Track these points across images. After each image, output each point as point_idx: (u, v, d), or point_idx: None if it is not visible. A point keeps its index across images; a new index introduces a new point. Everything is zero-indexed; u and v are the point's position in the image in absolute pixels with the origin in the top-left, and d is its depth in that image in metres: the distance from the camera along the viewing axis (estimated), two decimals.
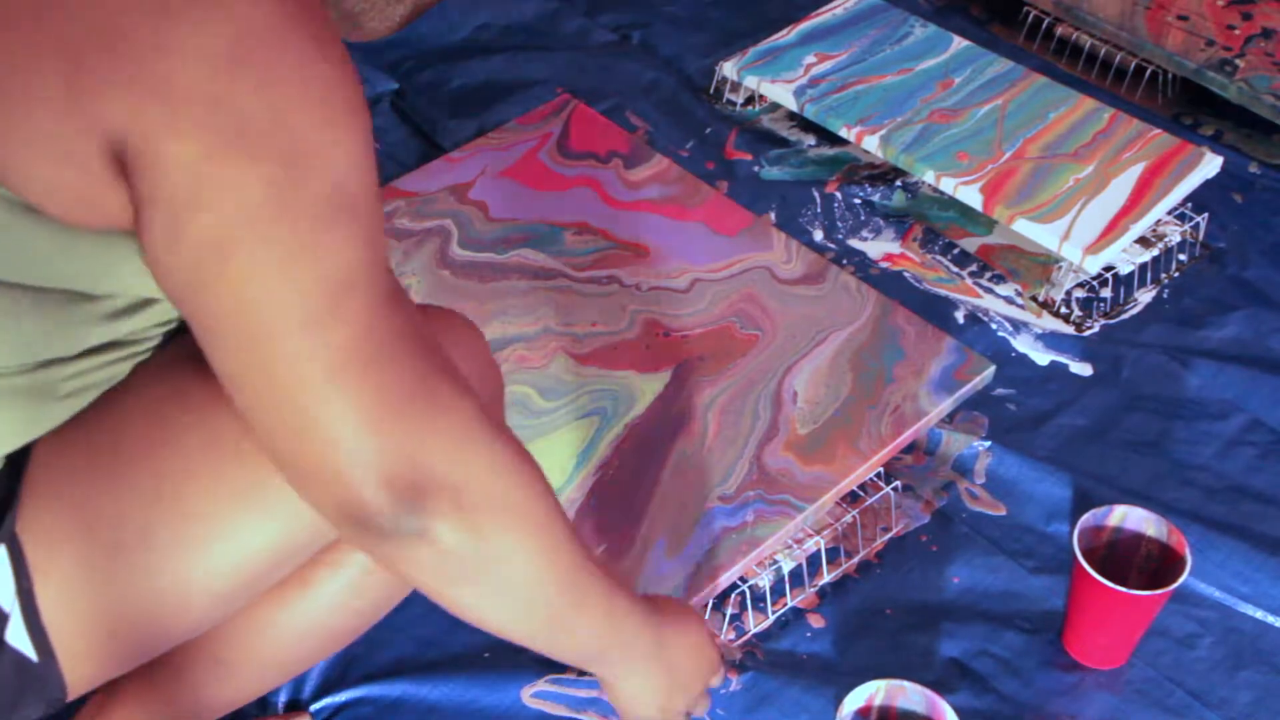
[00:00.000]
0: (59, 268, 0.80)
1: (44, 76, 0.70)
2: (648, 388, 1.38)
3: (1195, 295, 1.57)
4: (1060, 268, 1.54)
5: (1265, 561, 1.28)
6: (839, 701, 1.06)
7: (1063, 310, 1.53)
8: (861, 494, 1.32)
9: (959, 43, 1.79)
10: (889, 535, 1.31)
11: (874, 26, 1.82)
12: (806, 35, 1.80)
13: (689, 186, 1.62)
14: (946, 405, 1.36)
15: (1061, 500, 1.34)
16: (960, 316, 1.52)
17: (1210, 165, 1.59)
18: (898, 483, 1.32)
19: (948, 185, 1.58)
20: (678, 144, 1.74)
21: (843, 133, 1.66)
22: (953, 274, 1.58)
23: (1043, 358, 1.49)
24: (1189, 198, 1.61)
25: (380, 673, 1.19)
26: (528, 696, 1.18)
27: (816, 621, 1.25)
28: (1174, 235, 1.59)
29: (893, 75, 1.73)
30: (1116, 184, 1.56)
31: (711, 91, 1.83)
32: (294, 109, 0.70)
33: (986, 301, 1.54)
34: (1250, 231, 1.65)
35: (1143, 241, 1.57)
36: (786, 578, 1.27)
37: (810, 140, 1.75)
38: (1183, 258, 1.60)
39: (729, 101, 1.81)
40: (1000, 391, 1.44)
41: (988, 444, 1.39)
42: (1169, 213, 1.59)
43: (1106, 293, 1.55)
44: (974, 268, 1.58)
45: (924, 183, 1.67)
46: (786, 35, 1.80)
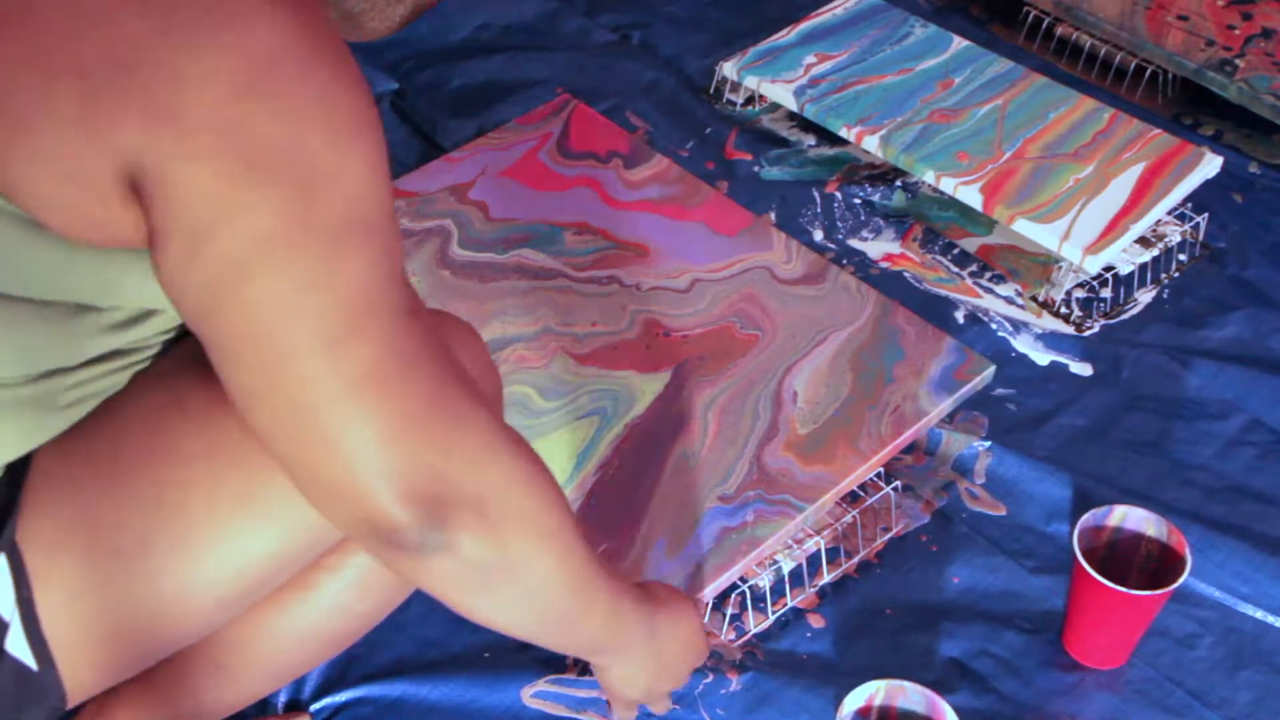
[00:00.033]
0: (63, 281, 0.80)
1: (58, 98, 0.70)
2: (648, 388, 1.38)
3: (1195, 295, 1.57)
4: (1060, 268, 1.54)
5: (1265, 561, 1.28)
6: (839, 701, 1.06)
7: (1063, 310, 1.53)
8: (861, 494, 1.32)
9: (959, 43, 1.79)
10: (889, 535, 1.31)
11: (874, 26, 1.82)
12: (806, 35, 1.80)
13: (689, 186, 1.62)
14: (946, 405, 1.36)
15: (1061, 500, 1.34)
16: (960, 316, 1.52)
17: (1210, 165, 1.59)
18: (898, 483, 1.32)
19: (948, 185, 1.58)
20: (678, 144, 1.74)
21: (843, 133, 1.66)
22: (953, 274, 1.58)
23: (1043, 358, 1.49)
24: (1189, 198, 1.61)
25: (380, 673, 1.19)
26: (528, 696, 1.18)
27: (816, 621, 1.25)
28: (1174, 235, 1.59)
29: (893, 75, 1.73)
30: (1116, 184, 1.56)
31: (711, 91, 1.83)
32: (309, 132, 0.70)
33: (986, 301, 1.54)
34: (1250, 231, 1.65)
35: (1143, 241, 1.57)
36: (786, 578, 1.27)
37: (810, 140, 1.75)
38: (1183, 258, 1.60)
39: (729, 101, 1.81)
40: (1000, 391, 1.44)
41: (988, 444, 1.39)
42: (1169, 213, 1.59)
43: (1106, 293, 1.55)
44: (974, 268, 1.58)
45: (924, 183, 1.67)
46: (786, 35, 1.80)
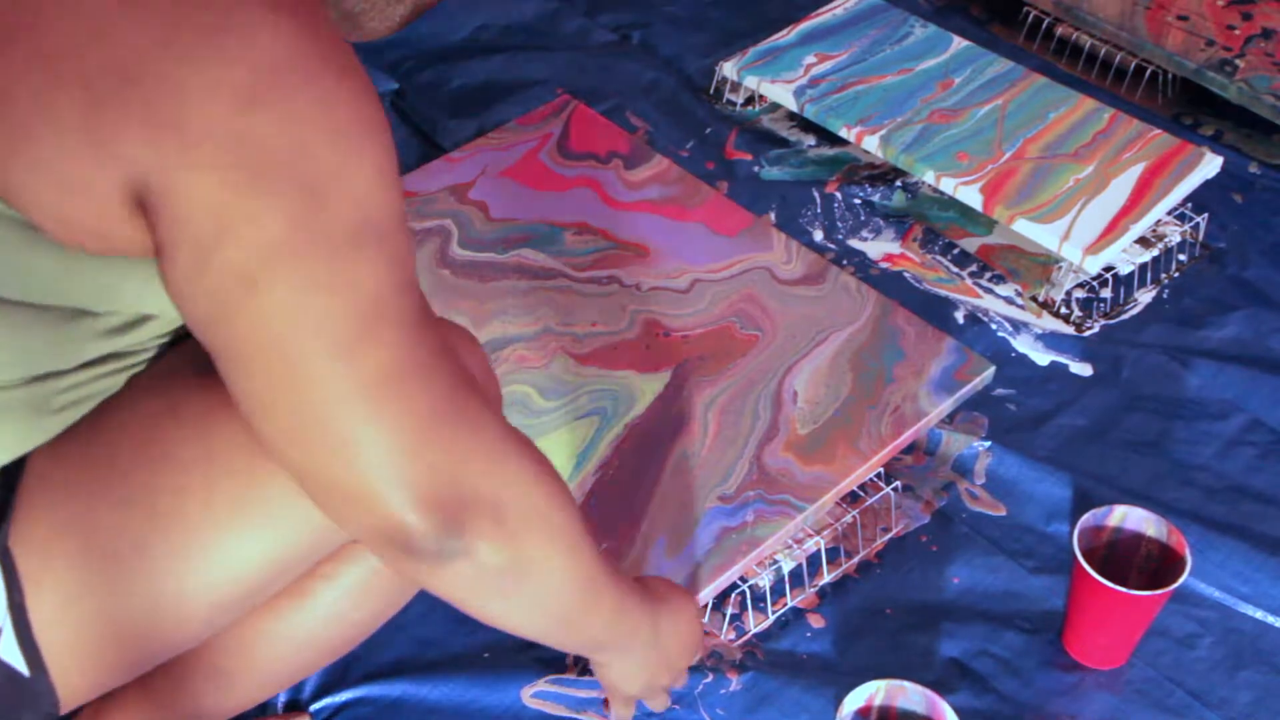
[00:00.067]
0: (60, 286, 0.79)
1: (62, 108, 0.70)
2: (647, 388, 1.38)
3: (1195, 295, 1.57)
4: (1060, 268, 1.54)
5: (1265, 561, 1.28)
6: (839, 701, 1.06)
7: (1063, 310, 1.53)
8: (861, 494, 1.32)
9: (959, 43, 1.79)
10: (889, 535, 1.31)
11: (874, 26, 1.82)
12: (806, 35, 1.80)
13: (689, 187, 1.62)
14: (946, 406, 1.36)
15: (1061, 500, 1.34)
16: (960, 317, 1.52)
17: (1210, 165, 1.59)
18: (898, 483, 1.32)
19: (948, 185, 1.58)
20: (678, 144, 1.74)
21: (843, 133, 1.66)
22: (953, 274, 1.58)
23: (1043, 358, 1.49)
24: (1189, 198, 1.61)
25: (380, 673, 1.19)
26: (528, 696, 1.18)
27: (816, 621, 1.25)
28: (1174, 235, 1.59)
29: (893, 75, 1.73)
30: (1116, 184, 1.56)
31: (711, 91, 1.83)
32: (315, 140, 0.70)
33: (986, 301, 1.54)
34: (1250, 231, 1.65)
35: (1143, 242, 1.57)
36: (786, 578, 1.27)
37: (810, 140, 1.75)
38: (1183, 258, 1.60)
39: (729, 101, 1.81)
40: (1000, 391, 1.44)
41: (988, 444, 1.39)
42: (1169, 213, 1.59)
43: (1106, 293, 1.55)
44: (974, 268, 1.58)
45: (924, 183, 1.67)
46: (786, 35, 1.80)
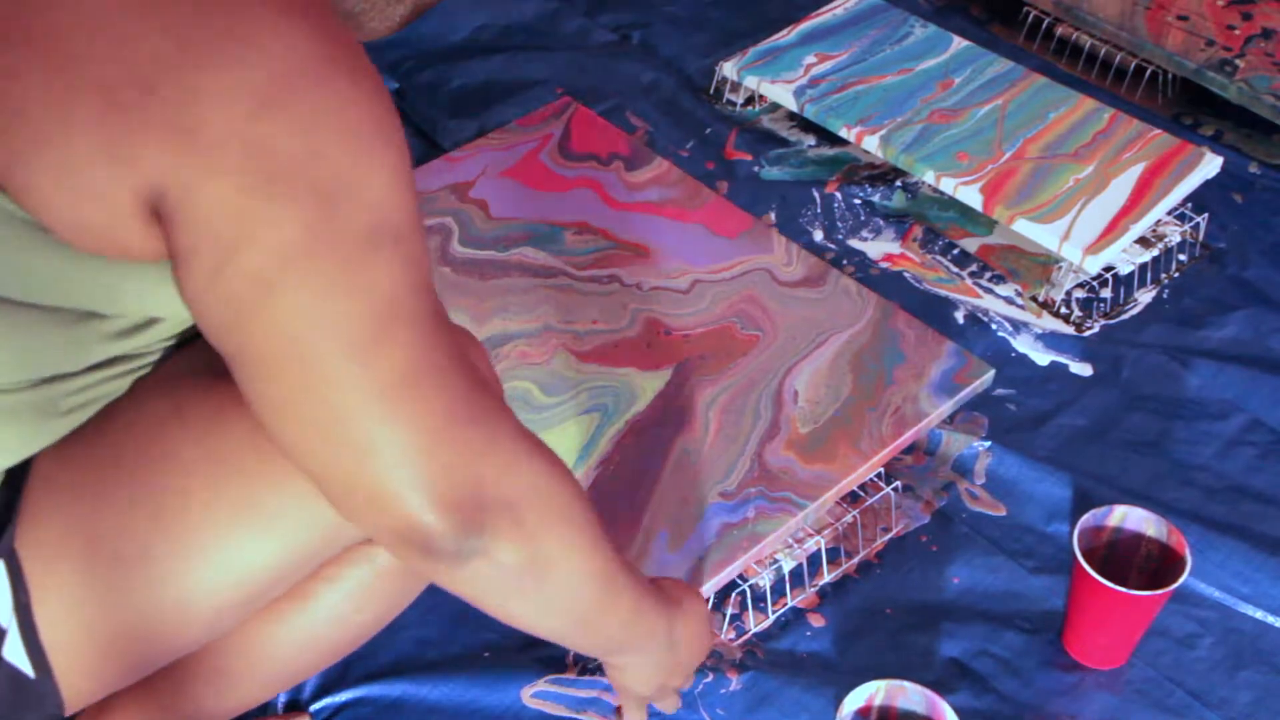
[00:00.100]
0: (70, 288, 0.80)
1: (79, 114, 0.70)
2: (648, 385, 1.37)
3: (1195, 295, 1.57)
4: (1060, 268, 1.54)
5: (1265, 561, 1.28)
6: (839, 701, 1.06)
7: (1063, 310, 1.53)
8: (862, 494, 1.32)
9: (959, 43, 1.79)
10: (889, 535, 1.31)
11: (874, 27, 1.82)
12: (806, 35, 1.80)
13: (689, 189, 1.62)
14: (946, 408, 1.36)
15: (1061, 500, 1.34)
16: (960, 317, 1.52)
17: (1210, 165, 1.59)
18: (898, 483, 1.32)
19: (948, 185, 1.58)
20: (678, 144, 1.74)
21: (843, 133, 1.66)
22: (953, 274, 1.58)
23: (1043, 358, 1.49)
24: (1189, 198, 1.61)
25: (380, 673, 1.19)
26: (528, 696, 1.18)
27: (816, 621, 1.25)
28: (1174, 235, 1.59)
29: (893, 75, 1.73)
30: (1116, 184, 1.56)
31: (711, 91, 1.83)
32: (330, 144, 0.70)
33: (986, 301, 1.54)
34: (1250, 231, 1.65)
35: (1143, 242, 1.57)
36: (787, 577, 1.27)
37: (810, 140, 1.75)
38: (1183, 258, 1.60)
39: (729, 101, 1.81)
40: (1000, 391, 1.44)
41: (988, 444, 1.39)
42: (1169, 213, 1.59)
43: (1106, 293, 1.55)
44: (974, 268, 1.58)
45: (924, 183, 1.67)
46: (786, 35, 1.80)
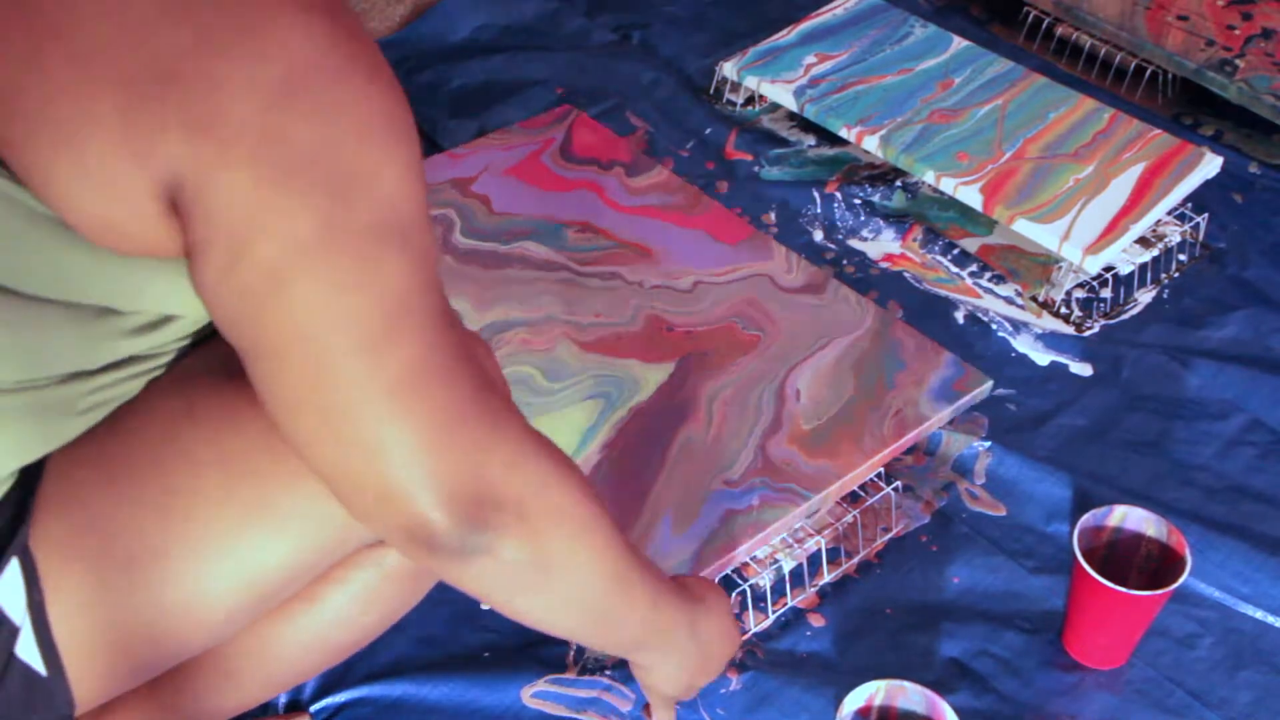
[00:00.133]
0: (89, 284, 0.80)
1: (101, 108, 0.71)
2: (651, 377, 1.37)
3: (1195, 295, 1.57)
4: (1060, 268, 1.54)
5: (1265, 561, 1.28)
6: (839, 701, 1.06)
7: (1063, 310, 1.53)
8: (862, 494, 1.32)
9: (959, 43, 1.79)
10: (889, 535, 1.31)
11: (874, 26, 1.82)
12: (806, 35, 1.80)
13: (690, 196, 1.61)
14: (946, 414, 1.35)
15: (1061, 500, 1.34)
16: (960, 317, 1.52)
17: (1210, 165, 1.59)
18: (898, 483, 1.32)
19: (948, 185, 1.58)
20: (678, 144, 1.74)
21: (843, 133, 1.66)
22: (953, 274, 1.58)
23: (1043, 358, 1.49)
24: (1189, 198, 1.61)
25: (380, 673, 1.19)
26: (528, 696, 1.18)
27: (817, 621, 1.25)
28: (1174, 235, 1.59)
29: (893, 75, 1.73)
30: (1116, 184, 1.56)
31: (711, 92, 1.83)
32: (345, 138, 0.71)
33: (986, 301, 1.54)
34: (1250, 231, 1.65)
35: (1143, 242, 1.57)
36: (787, 577, 1.27)
37: (810, 140, 1.75)
38: (1183, 258, 1.60)
39: (729, 102, 1.81)
40: (1000, 391, 1.44)
41: (988, 444, 1.39)
42: (1169, 213, 1.59)
43: (1106, 293, 1.55)
44: (974, 268, 1.58)
45: (924, 183, 1.67)
46: (786, 35, 1.80)
